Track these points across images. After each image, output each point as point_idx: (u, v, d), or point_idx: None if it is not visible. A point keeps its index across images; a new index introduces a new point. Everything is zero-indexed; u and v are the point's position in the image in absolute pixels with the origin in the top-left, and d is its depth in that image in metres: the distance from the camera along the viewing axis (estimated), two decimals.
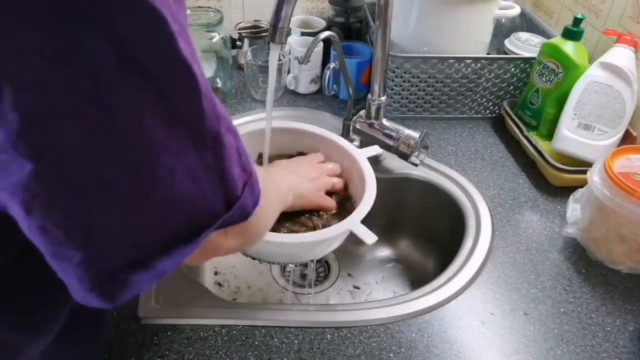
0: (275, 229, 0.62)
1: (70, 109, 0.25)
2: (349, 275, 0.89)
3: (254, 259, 0.65)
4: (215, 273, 0.87)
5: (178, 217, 0.32)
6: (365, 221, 0.61)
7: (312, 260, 0.70)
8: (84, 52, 0.24)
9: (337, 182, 0.71)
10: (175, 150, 0.29)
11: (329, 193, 0.70)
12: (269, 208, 0.47)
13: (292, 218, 0.65)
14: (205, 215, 0.33)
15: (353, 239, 0.92)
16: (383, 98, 0.80)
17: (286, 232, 0.63)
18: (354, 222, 0.61)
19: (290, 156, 0.75)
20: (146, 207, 0.30)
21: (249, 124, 0.75)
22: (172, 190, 0.30)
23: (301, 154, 0.76)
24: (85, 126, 0.26)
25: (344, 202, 0.71)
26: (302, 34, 1.07)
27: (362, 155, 0.72)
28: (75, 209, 0.27)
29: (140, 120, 0.27)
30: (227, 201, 0.34)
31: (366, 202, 0.64)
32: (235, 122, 0.88)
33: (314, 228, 0.64)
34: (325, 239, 0.60)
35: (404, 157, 0.79)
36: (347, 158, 0.72)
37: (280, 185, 0.59)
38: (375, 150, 0.76)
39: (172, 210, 0.31)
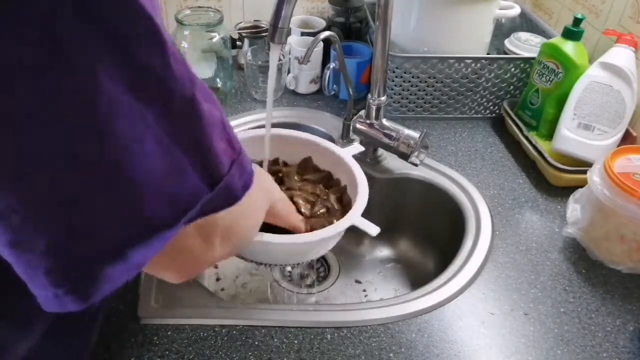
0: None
1: (23, 65, 0.22)
2: (349, 275, 0.89)
3: (253, 262, 0.64)
4: (216, 279, 0.87)
5: (154, 197, 0.28)
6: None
7: (311, 259, 0.70)
8: (34, 2, 0.22)
9: None
10: (143, 116, 0.26)
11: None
12: (254, 206, 0.43)
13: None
14: (186, 195, 0.30)
15: (353, 239, 0.92)
16: (383, 98, 0.80)
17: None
18: (355, 216, 0.61)
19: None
20: (114, 183, 0.26)
21: (242, 132, 0.74)
22: (143, 163, 0.27)
23: (285, 164, 0.75)
24: (41, 86, 0.23)
25: (342, 202, 0.70)
26: (302, 34, 1.07)
27: (347, 154, 0.72)
28: (31, 184, 0.24)
29: (99, 79, 0.24)
30: (210, 180, 0.31)
31: (362, 197, 0.64)
32: (235, 122, 0.88)
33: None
34: (330, 236, 0.59)
35: (404, 157, 0.79)
36: (332, 158, 0.72)
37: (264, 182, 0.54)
38: (357, 148, 0.76)
39: (146, 188, 0.28)
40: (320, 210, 0.67)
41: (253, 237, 0.46)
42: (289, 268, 0.90)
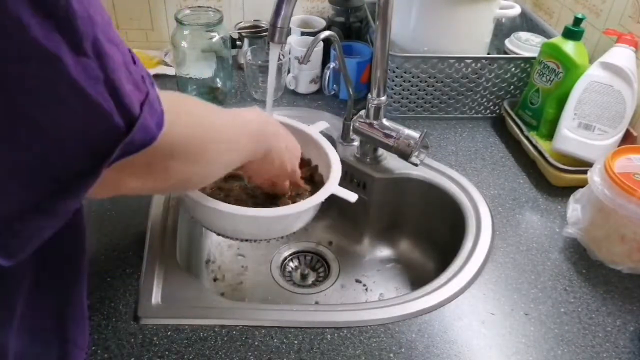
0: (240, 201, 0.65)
1: None
2: (349, 275, 0.89)
3: (237, 239, 0.66)
4: (215, 279, 0.87)
5: (74, 143, 0.28)
6: (364, 220, 0.61)
7: (311, 260, 0.70)
8: None
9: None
10: (52, 56, 0.25)
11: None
12: (236, 145, 0.45)
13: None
14: (106, 137, 0.29)
15: (353, 239, 0.92)
16: (383, 98, 0.80)
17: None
18: (333, 186, 0.65)
19: None
20: (30, 131, 0.26)
21: None
22: (57, 107, 0.26)
23: None
24: None
25: (314, 179, 0.73)
26: (302, 33, 1.06)
27: (314, 131, 0.76)
28: None
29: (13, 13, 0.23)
30: (126, 120, 0.30)
31: (335, 167, 0.68)
32: None
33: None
34: (310, 207, 0.63)
35: (404, 157, 0.79)
36: (299, 136, 0.74)
37: (247, 126, 0.54)
38: (323, 125, 0.80)
39: (64, 133, 0.27)
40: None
41: (208, 174, 0.47)
42: (289, 268, 0.90)
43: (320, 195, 0.64)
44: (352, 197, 0.66)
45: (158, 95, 0.35)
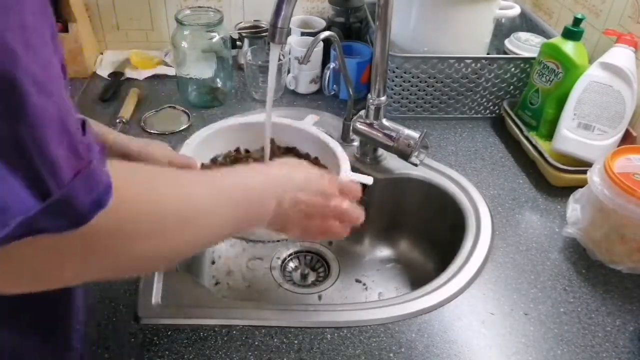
0: None
1: None
2: (349, 275, 0.89)
3: (243, 239, 0.65)
4: (216, 283, 0.87)
5: None
6: (364, 220, 0.61)
7: (311, 260, 0.70)
8: None
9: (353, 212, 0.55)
10: None
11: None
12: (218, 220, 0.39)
13: None
14: (9, 207, 0.24)
15: (353, 240, 0.92)
16: (383, 98, 0.80)
17: None
18: (347, 172, 0.66)
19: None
20: None
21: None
22: None
23: (247, 151, 0.79)
24: None
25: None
26: (302, 34, 1.07)
27: (307, 125, 0.78)
28: None
29: None
30: (40, 191, 0.25)
31: (342, 155, 0.69)
32: (234, 122, 0.87)
33: None
34: None
35: (404, 157, 0.79)
36: (294, 133, 0.77)
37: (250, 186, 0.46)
38: (313, 119, 0.82)
39: None
40: None
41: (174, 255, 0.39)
42: (289, 268, 0.90)
43: None
44: (368, 180, 0.66)
45: (107, 170, 0.29)
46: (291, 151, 0.80)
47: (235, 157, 0.80)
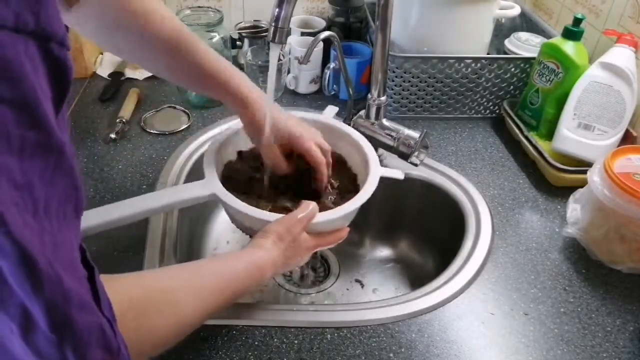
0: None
1: None
2: (349, 275, 0.89)
3: None
4: None
5: None
6: (364, 220, 0.61)
7: (311, 258, 0.70)
8: None
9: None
10: (8, 323, 0.23)
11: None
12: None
13: (292, 197, 0.67)
14: None
15: (353, 240, 0.92)
16: (383, 98, 0.80)
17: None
18: (379, 169, 0.68)
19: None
20: None
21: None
22: None
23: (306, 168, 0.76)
24: None
25: (349, 179, 0.74)
26: (302, 34, 1.07)
27: (328, 118, 0.78)
28: None
29: None
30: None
31: (371, 152, 0.70)
32: (234, 123, 0.87)
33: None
34: (368, 197, 0.64)
35: (404, 157, 0.79)
36: (335, 134, 0.75)
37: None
38: (332, 110, 0.81)
39: None
40: (329, 197, 0.69)
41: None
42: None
43: (372, 182, 0.65)
44: (399, 174, 0.69)
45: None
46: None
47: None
